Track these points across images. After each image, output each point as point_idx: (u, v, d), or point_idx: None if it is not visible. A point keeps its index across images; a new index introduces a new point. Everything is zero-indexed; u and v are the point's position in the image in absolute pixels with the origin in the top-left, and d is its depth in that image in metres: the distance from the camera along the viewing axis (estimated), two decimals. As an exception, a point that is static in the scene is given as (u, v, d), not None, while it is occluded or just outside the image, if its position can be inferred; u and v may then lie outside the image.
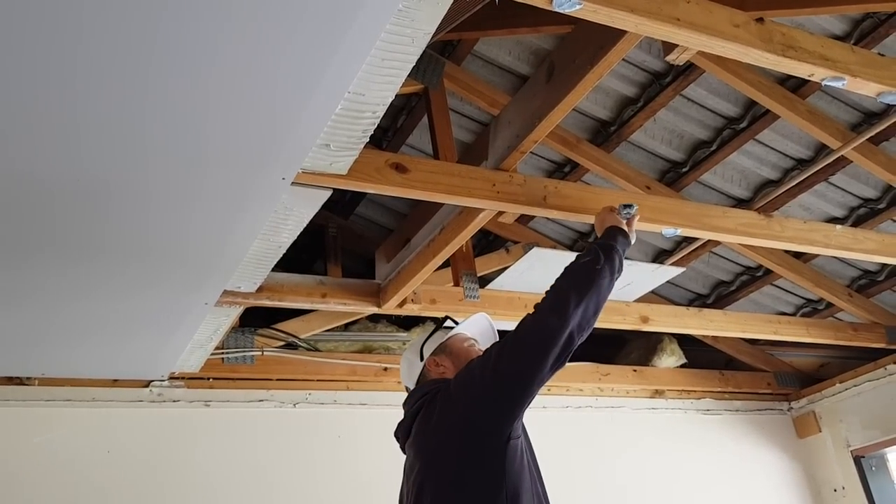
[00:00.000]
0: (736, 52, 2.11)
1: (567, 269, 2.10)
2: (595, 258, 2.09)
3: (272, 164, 2.01)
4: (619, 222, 2.34)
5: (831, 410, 4.92)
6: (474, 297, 3.20)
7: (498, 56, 3.21)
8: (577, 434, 4.36)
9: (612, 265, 2.11)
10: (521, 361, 1.91)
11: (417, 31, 1.76)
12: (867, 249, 3.31)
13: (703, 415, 4.85)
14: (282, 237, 2.52)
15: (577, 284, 2.02)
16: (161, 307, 2.74)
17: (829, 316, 4.56)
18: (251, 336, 3.69)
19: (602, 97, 3.31)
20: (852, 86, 2.30)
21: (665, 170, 3.66)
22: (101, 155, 1.89)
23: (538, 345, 1.91)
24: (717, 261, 4.35)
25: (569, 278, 2.06)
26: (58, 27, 1.49)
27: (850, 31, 2.82)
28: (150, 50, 1.58)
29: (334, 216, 4.10)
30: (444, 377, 2.15)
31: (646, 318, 3.84)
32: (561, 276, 2.09)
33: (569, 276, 2.07)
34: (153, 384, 3.53)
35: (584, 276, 2.04)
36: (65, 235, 2.22)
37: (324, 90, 1.78)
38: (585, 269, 2.07)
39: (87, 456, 3.31)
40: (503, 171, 2.66)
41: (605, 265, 2.08)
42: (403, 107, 3.53)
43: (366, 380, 3.92)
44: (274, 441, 3.65)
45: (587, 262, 2.09)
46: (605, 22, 1.93)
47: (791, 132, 3.34)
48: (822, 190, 3.64)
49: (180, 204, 2.13)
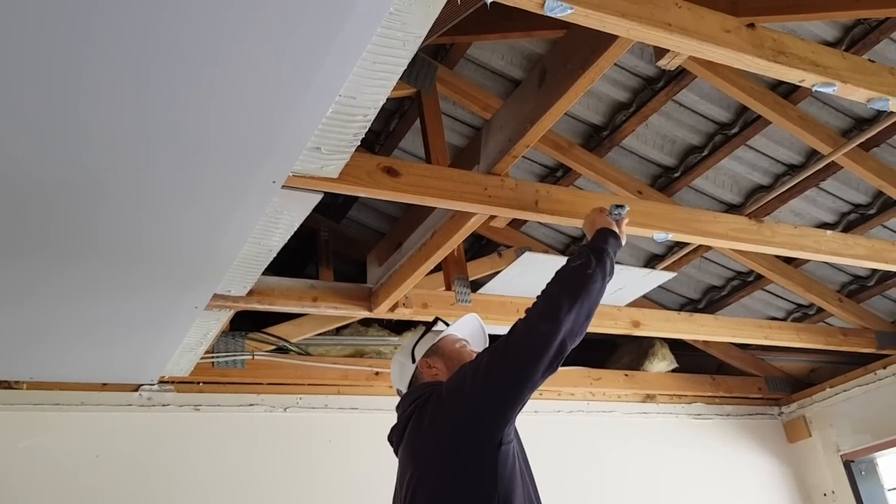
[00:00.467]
0: (727, 58, 2.11)
1: (558, 274, 2.06)
2: (586, 262, 2.05)
3: (263, 167, 2.00)
4: (609, 224, 2.28)
5: (821, 415, 4.93)
6: (466, 302, 3.19)
7: (490, 60, 3.21)
8: (569, 438, 4.35)
9: (603, 268, 2.07)
10: (513, 368, 1.89)
11: (409, 35, 1.76)
12: (857, 255, 3.32)
13: (694, 419, 4.86)
14: (272, 241, 2.52)
15: (569, 289, 1.98)
16: (151, 310, 2.73)
17: (819, 321, 4.58)
18: (242, 340, 3.67)
19: (594, 102, 3.32)
20: (843, 92, 2.31)
21: (657, 175, 3.66)
22: (91, 156, 1.88)
23: (530, 351, 1.89)
24: (709, 266, 4.35)
25: (560, 283, 2.02)
26: (52, 29, 1.48)
27: (841, 37, 2.83)
28: (143, 53, 1.57)
29: (326, 220, 4.09)
30: (436, 379, 2.13)
31: (637, 323, 3.85)
32: (552, 281, 2.04)
33: (560, 280, 2.03)
34: (143, 388, 3.51)
35: (576, 281, 2.00)
36: (53, 237, 2.21)
37: (315, 93, 1.77)
38: (577, 274, 2.02)
39: (75, 460, 3.29)
40: (495, 175, 2.66)
41: (597, 269, 2.04)
42: (396, 111, 3.53)
43: (357, 384, 3.91)
44: (264, 445, 3.64)
45: (578, 266, 2.04)
46: (596, 26, 1.93)
47: (782, 138, 3.35)
48: (813, 195, 3.65)
49: (170, 206, 2.12)
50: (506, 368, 1.90)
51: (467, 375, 1.96)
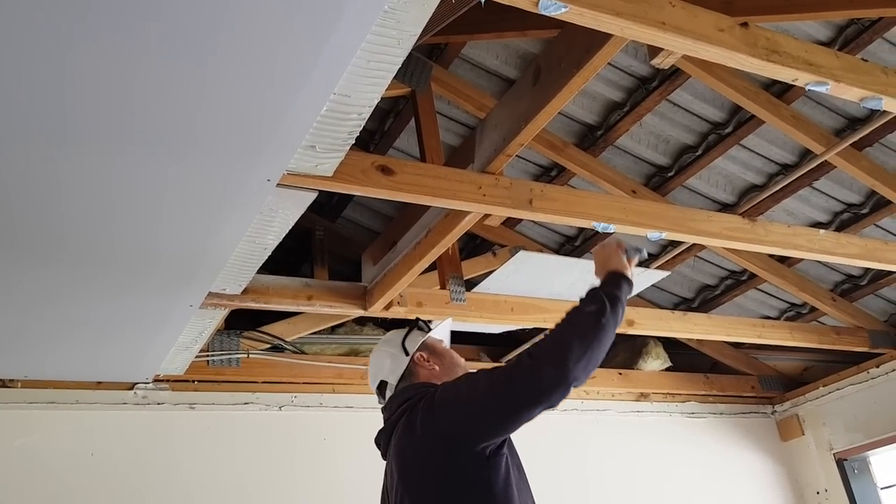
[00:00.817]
0: (720, 56, 2.12)
1: (570, 316, 1.95)
2: (601, 308, 1.93)
3: (257, 165, 2.00)
4: (625, 266, 2.10)
5: (814, 414, 4.96)
6: (461, 300, 3.20)
7: (485, 59, 3.21)
8: (563, 437, 4.36)
9: (616, 318, 1.96)
10: (513, 404, 1.84)
11: (403, 33, 1.77)
12: (850, 254, 3.34)
13: (688, 418, 4.87)
14: (267, 239, 2.52)
15: (581, 336, 1.88)
16: (145, 309, 2.73)
17: (812, 320, 4.59)
18: (237, 338, 3.67)
19: (588, 101, 3.32)
20: (836, 91, 2.32)
21: (651, 174, 3.67)
22: (81, 155, 1.88)
23: (533, 393, 1.84)
24: (702, 265, 4.37)
25: (572, 327, 1.91)
26: (41, 22, 1.48)
27: (834, 36, 2.84)
28: (138, 49, 1.58)
29: (321, 219, 4.09)
30: (431, 378, 2.12)
31: (631, 322, 3.86)
32: (564, 323, 1.94)
33: (572, 324, 1.93)
34: (137, 387, 3.50)
35: (589, 328, 1.90)
36: (48, 237, 2.21)
37: (309, 91, 1.77)
38: (591, 321, 1.91)
39: (70, 459, 3.29)
40: (489, 174, 2.67)
41: (611, 318, 1.93)
42: (391, 110, 3.53)
43: (352, 383, 3.91)
44: (259, 444, 3.64)
45: (593, 313, 1.93)
46: (591, 25, 1.93)
47: (776, 137, 3.36)
48: (807, 195, 3.67)
49: (165, 204, 2.12)
50: (505, 402, 1.85)
51: (462, 393, 1.92)
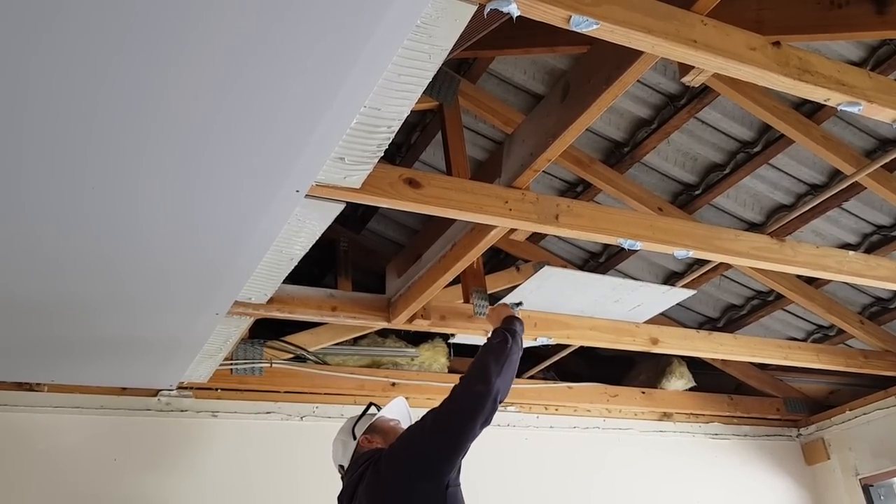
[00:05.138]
0: (752, 76, 2.11)
1: (485, 348, 2.58)
2: (506, 339, 2.60)
3: (287, 176, 2.02)
4: (511, 313, 2.85)
5: (840, 438, 4.88)
6: (483, 314, 3.19)
7: (513, 75, 3.22)
8: (584, 455, 4.32)
9: (517, 344, 2.63)
10: (457, 422, 2.31)
11: (434, 48, 1.78)
12: (880, 276, 3.30)
13: (712, 439, 4.81)
14: (294, 249, 2.53)
15: (497, 359, 2.49)
16: (172, 316, 2.75)
17: (840, 343, 4.54)
18: (260, 348, 3.69)
19: (616, 118, 3.32)
20: (868, 111, 2.30)
21: (678, 192, 3.66)
22: (118, 161, 1.90)
23: (469, 408, 2.33)
24: (729, 284, 4.33)
25: (488, 355, 2.52)
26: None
27: (866, 57, 2.82)
28: (172, 58, 1.59)
29: (346, 230, 4.11)
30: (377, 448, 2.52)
31: (655, 340, 3.83)
32: (480, 354, 2.55)
33: (488, 353, 2.54)
34: (161, 393, 3.53)
35: (501, 352, 2.53)
36: (82, 251, 2.23)
37: (340, 104, 1.79)
38: (501, 348, 2.55)
39: (93, 464, 3.31)
40: (516, 188, 2.67)
41: (514, 344, 2.60)
42: (417, 123, 3.55)
43: (373, 394, 3.90)
44: (280, 453, 3.64)
45: (501, 342, 2.59)
46: (621, 42, 1.93)
47: (805, 157, 3.34)
48: (836, 216, 3.63)
49: (195, 212, 2.14)
50: (451, 422, 2.32)
51: (416, 432, 2.39)
